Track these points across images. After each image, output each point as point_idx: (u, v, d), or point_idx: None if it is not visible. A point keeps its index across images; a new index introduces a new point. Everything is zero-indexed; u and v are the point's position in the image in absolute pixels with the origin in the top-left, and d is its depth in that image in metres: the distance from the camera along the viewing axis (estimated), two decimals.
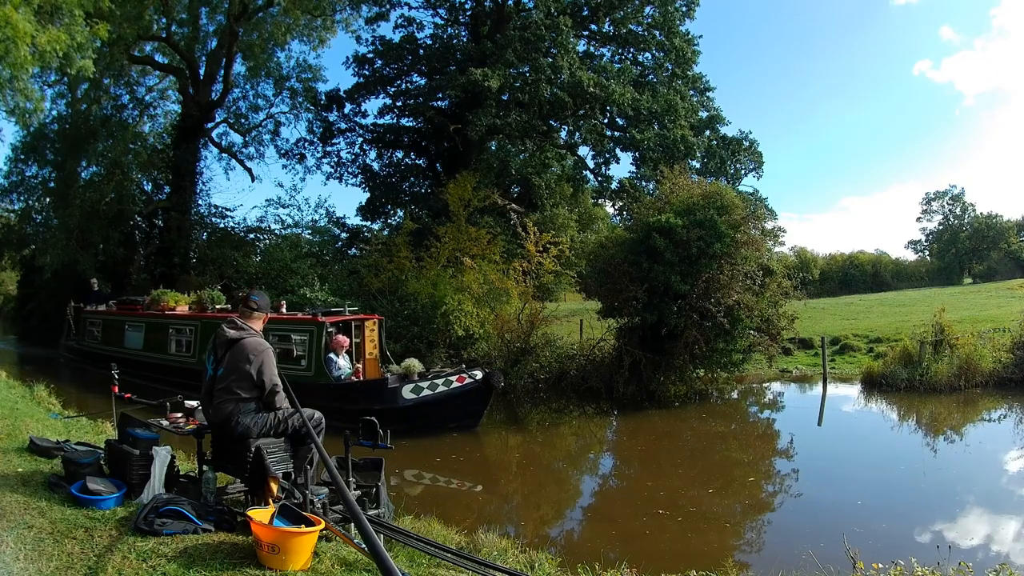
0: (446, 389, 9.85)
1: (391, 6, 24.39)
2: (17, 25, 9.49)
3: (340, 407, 9.43)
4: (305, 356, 10.56)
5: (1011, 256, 44.99)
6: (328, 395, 9.84)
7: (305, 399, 9.16)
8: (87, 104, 22.21)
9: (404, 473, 8.29)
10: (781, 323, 13.84)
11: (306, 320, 10.80)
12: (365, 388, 10.14)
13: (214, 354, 4.24)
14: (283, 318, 11.46)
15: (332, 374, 10.11)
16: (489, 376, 10.01)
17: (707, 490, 7.55)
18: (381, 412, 9.21)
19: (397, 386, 9.80)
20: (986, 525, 6.33)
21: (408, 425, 9.43)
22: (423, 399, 9.80)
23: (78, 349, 16.26)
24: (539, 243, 16.53)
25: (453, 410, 9.91)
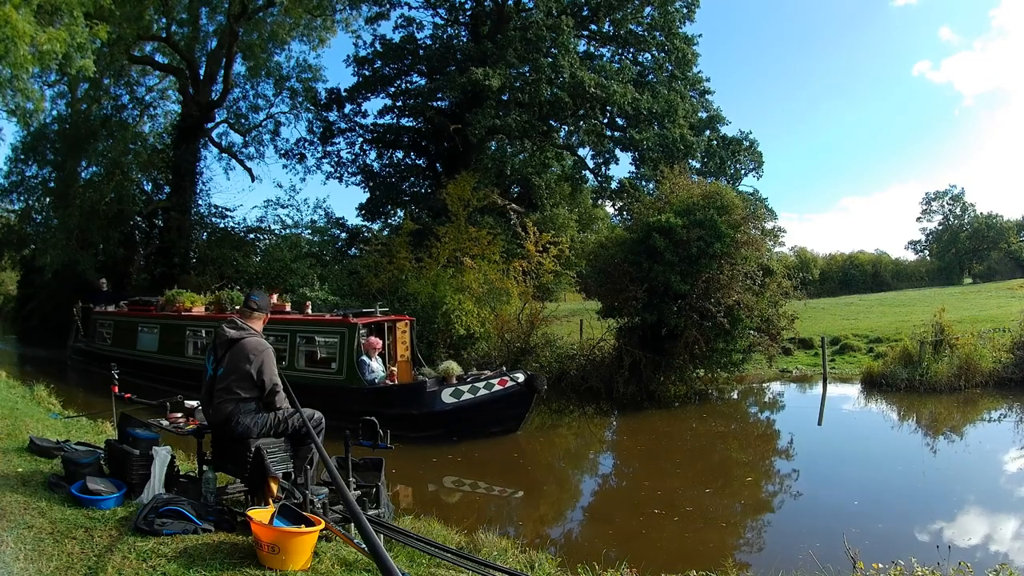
0: (487, 392, 9.44)
1: (391, 6, 24.41)
2: (17, 25, 9.51)
3: (375, 412, 9.23)
4: (336, 359, 10.15)
5: (1011, 256, 44.99)
6: (361, 400, 9.46)
7: (336, 404, 8.81)
8: (87, 104, 22.25)
9: (443, 480, 8.08)
10: (781, 323, 13.84)
11: (336, 321, 10.38)
12: (402, 392, 9.77)
13: (214, 354, 4.24)
14: (312, 319, 11.11)
15: (365, 378, 9.72)
16: (532, 379, 9.58)
17: (707, 490, 7.55)
18: (419, 417, 9.06)
19: (436, 390, 9.41)
20: (986, 525, 6.33)
21: (447, 430, 9.28)
22: (463, 403, 9.40)
23: (87, 351, 15.75)
24: (539, 243, 16.53)
25: (494, 414, 9.51)
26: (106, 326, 15.43)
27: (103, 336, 15.39)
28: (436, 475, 8.26)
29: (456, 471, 8.54)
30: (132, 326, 14.38)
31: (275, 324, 10.97)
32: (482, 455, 9.00)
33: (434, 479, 8.13)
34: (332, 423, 8.83)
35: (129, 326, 14.51)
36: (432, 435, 9.14)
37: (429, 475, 8.19)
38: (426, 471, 8.27)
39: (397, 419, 8.93)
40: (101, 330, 15.53)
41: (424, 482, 7.99)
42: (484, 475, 8.40)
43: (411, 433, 8.95)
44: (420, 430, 9.13)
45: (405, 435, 8.94)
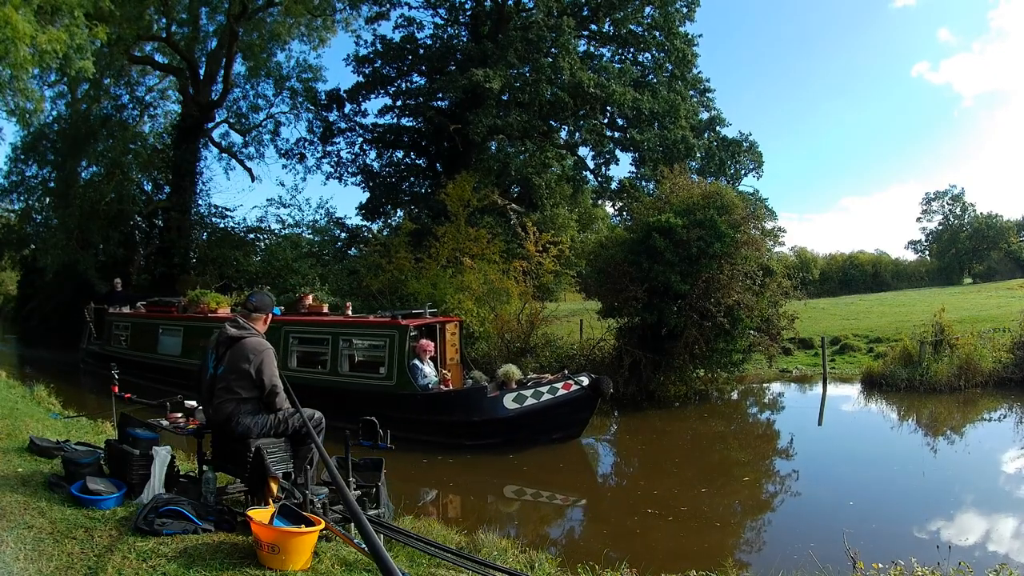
0: (551, 397, 8.92)
1: (391, 6, 24.43)
2: (17, 25, 9.51)
3: (430, 419, 8.96)
4: (384, 363, 9.58)
5: (1011, 256, 44.99)
6: (415, 407, 9.07)
7: (386, 411, 8.56)
8: (87, 104, 22.24)
9: (504, 490, 7.77)
10: (781, 323, 13.84)
11: (384, 323, 9.85)
12: (460, 398, 9.19)
13: (215, 353, 4.25)
14: (357, 321, 10.64)
15: (418, 383, 9.18)
16: (598, 383, 9.10)
17: (707, 490, 7.55)
18: (480, 424, 8.80)
19: (498, 395, 8.90)
20: (986, 525, 6.33)
21: (509, 437, 8.85)
22: (527, 409, 8.85)
23: (101, 354, 14.77)
24: (539, 243, 16.53)
25: (558, 419, 9.07)
26: (122, 328, 14.82)
27: (119, 339, 14.80)
28: (539, 490, 7.77)
29: (512, 478, 8.07)
30: (152, 328, 13.75)
31: (314, 327, 10.80)
32: (479, 458, 8.97)
33: (537, 494, 7.67)
34: (384, 432, 8.75)
35: (149, 328, 13.89)
36: (492, 443, 8.75)
37: (532, 490, 7.72)
38: (528, 487, 7.82)
39: (455, 427, 8.81)
40: (117, 332, 14.91)
41: (526, 497, 7.56)
42: (548, 483, 7.97)
43: (470, 441, 8.71)
44: (480, 438, 8.77)
45: (462, 443, 8.74)
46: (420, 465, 8.20)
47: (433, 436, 8.77)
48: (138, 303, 15.27)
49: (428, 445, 8.55)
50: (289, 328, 10.74)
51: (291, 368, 10.25)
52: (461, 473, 8.21)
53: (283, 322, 10.66)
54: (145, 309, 14.59)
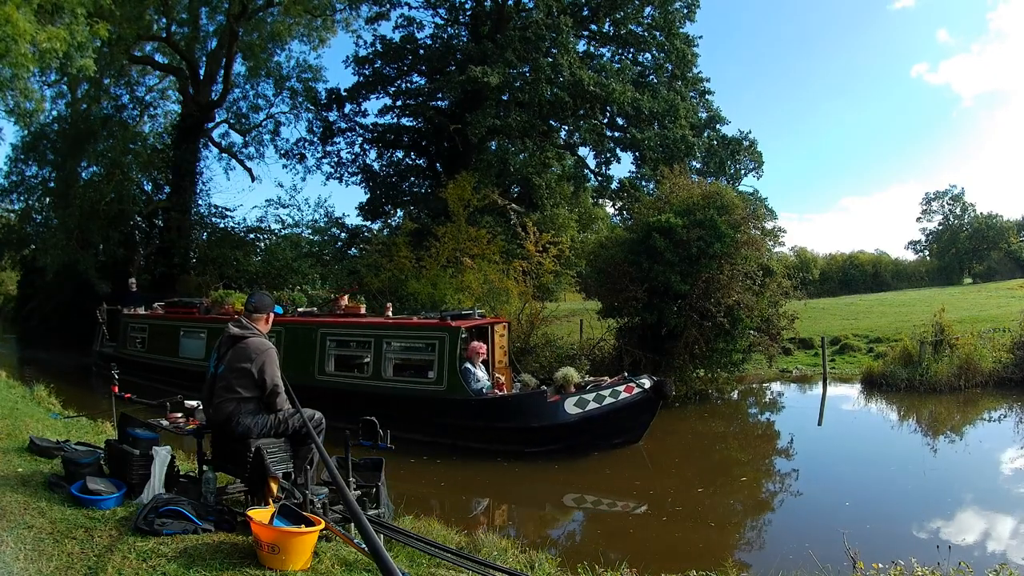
0: (614, 401, 8.59)
1: (391, 6, 24.44)
2: (18, 24, 9.50)
3: (486, 426, 8.60)
4: (434, 368, 9.14)
5: (1011, 256, 45.01)
6: (468, 412, 8.70)
7: (436, 417, 8.66)
8: (87, 104, 22.23)
9: (565, 499, 7.44)
10: (781, 323, 13.84)
11: (433, 325, 9.41)
12: (519, 403, 8.75)
13: (217, 352, 4.26)
14: (403, 323, 10.13)
15: (471, 387, 8.73)
16: (661, 385, 8.85)
17: (707, 490, 7.55)
18: (540, 430, 8.45)
19: (558, 399, 8.53)
20: (986, 524, 6.33)
21: (570, 443, 8.52)
22: (589, 413, 8.49)
23: (116, 357, 13.78)
24: (539, 243, 16.53)
25: (620, 424, 8.77)
26: (139, 330, 14.16)
27: (135, 341, 14.20)
28: (600, 497, 7.49)
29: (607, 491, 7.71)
30: (172, 330, 13.06)
31: (354, 329, 10.36)
32: (478, 462, 8.95)
33: (597, 502, 7.40)
34: (431, 439, 8.54)
35: (169, 330, 13.19)
36: (552, 450, 8.45)
37: (592, 498, 7.48)
38: (589, 494, 7.59)
39: (513, 433, 8.45)
40: (133, 335, 14.28)
41: (586, 506, 7.33)
42: (604, 489, 7.72)
43: (529, 448, 8.41)
44: (540, 444, 8.44)
45: (520, 450, 8.40)
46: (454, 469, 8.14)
47: (489, 443, 8.50)
48: (155, 304, 14.68)
49: (482, 453, 8.36)
50: (326, 330, 10.34)
51: (328, 372, 10.03)
52: (515, 481, 7.92)
53: (318, 324, 10.44)
54: (164, 310, 13.98)
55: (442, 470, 8.09)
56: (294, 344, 10.49)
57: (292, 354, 10.27)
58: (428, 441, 8.62)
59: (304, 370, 10.05)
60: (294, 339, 10.60)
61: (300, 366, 10.10)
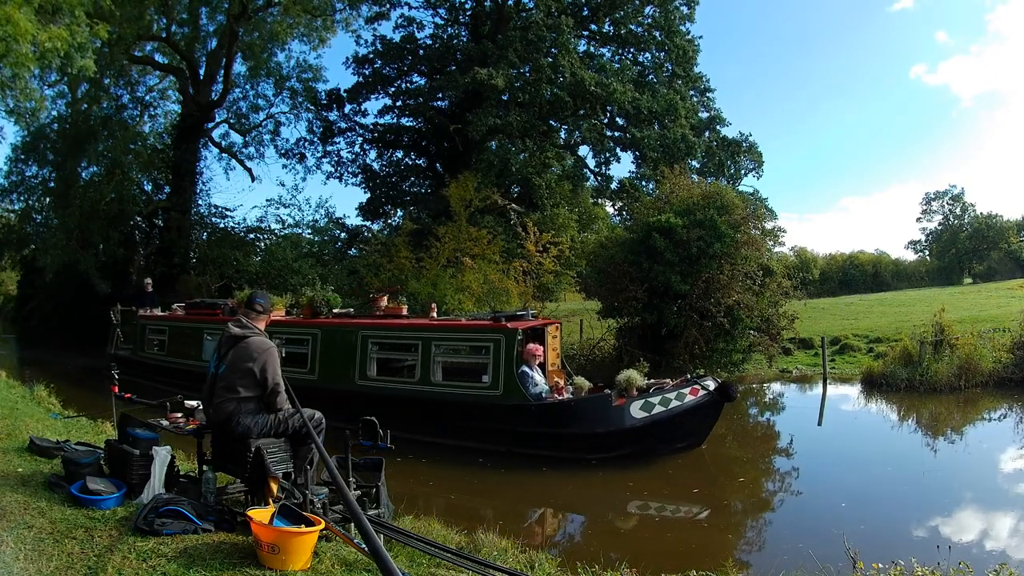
0: (680, 404, 8.28)
1: (391, 6, 24.44)
2: (19, 24, 9.48)
3: (547, 432, 8.25)
4: (488, 371, 8.69)
5: (1011, 256, 45.05)
6: (527, 418, 8.28)
7: (491, 424, 8.42)
8: (87, 104, 22.21)
9: (627, 506, 7.15)
10: (781, 323, 13.85)
11: (487, 326, 8.97)
12: (582, 407, 8.36)
13: (218, 352, 4.26)
14: (453, 325, 9.71)
15: (530, 392, 8.31)
16: (726, 387, 8.57)
17: (707, 490, 7.55)
18: (605, 436, 8.09)
19: (623, 403, 8.19)
20: (986, 524, 6.33)
21: (635, 448, 8.20)
22: (656, 417, 8.16)
23: (134, 361, 13.43)
24: (539, 243, 16.53)
25: (685, 428, 8.47)
26: (158, 332, 13.52)
27: (153, 343, 13.56)
28: (664, 504, 7.20)
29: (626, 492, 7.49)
30: (195, 333, 12.39)
31: (400, 331, 9.87)
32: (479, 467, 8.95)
33: (661, 508, 7.10)
34: (485, 446, 8.34)
35: (191, 333, 12.54)
36: (616, 456, 8.16)
37: (656, 504, 7.18)
38: (653, 501, 7.27)
39: (577, 439, 8.17)
40: (151, 337, 13.63)
41: (649, 512, 7.03)
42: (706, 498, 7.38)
43: (592, 454, 8.11)
44: (604, 450, 8.13)
45: (583, 457, 8.09)
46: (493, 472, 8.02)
47: (550, 450, 8.20)
48: (174, 305, 14.13)
49: (539, 460, 8.08)
50: (367, 333, 9.85)
51: (370, 377, 9.61)
52: (579, 488, 7.69)
53: (359, 326, 10.02)
54: (184, 311, 13.37)
55: (495, 477, 7.94)
56: (331, 347, 10.06)
57: (329, 358, 9.97)
58: (482, 448, 8.41)
59: (343, 375, 9.72)
60: (331, 342, 10.10)
61: (338, 370, 9.78)
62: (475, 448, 8.44)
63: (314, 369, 10.15)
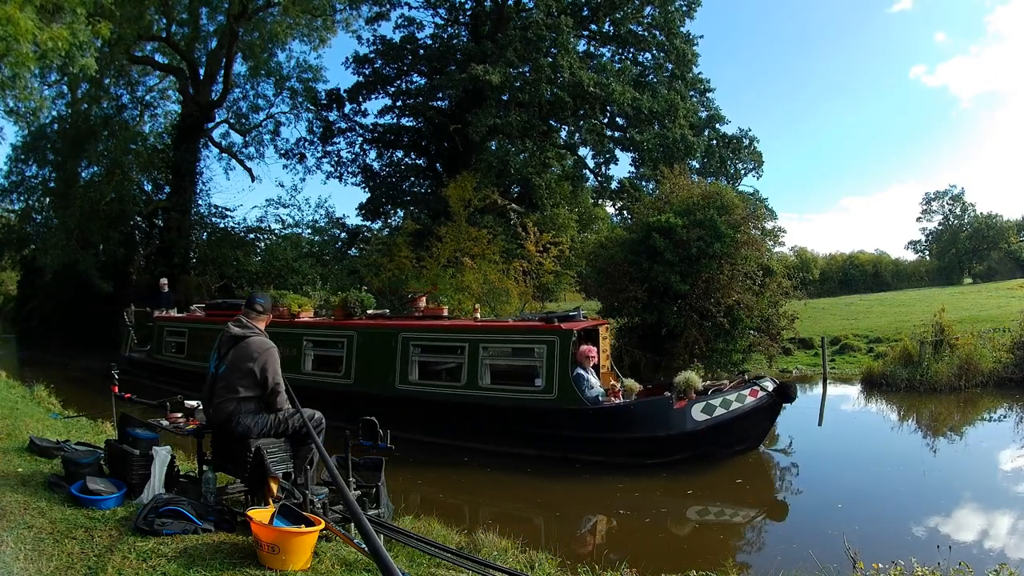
0: (740, 406, 8.04)
1: (391, 6, 24.46)
2: (19, 23, 9.48)
3: (605, 437, 7.97)
4: (541, 374, 8.36)
5: (1011, 256, 45.04)
6: (585, 423, 8.00)
7: (545, 429, 8.19)
8: (87, 104, 22.22)
9: (627, 507, 6.94)
10: (781, 323, 13.85)
11: (540, 328, 8.64)
12: (643, 411, 8.04)
13: (217, 352, 4.26)
14: (501, 326, 9.30)
15: (586, 395, 8.04)
16: (785, 388, 8.33)
17: (707, 490, 7.55)
18: (666, 440, 7.85)
19: (684, 406, 7.92)
20: (986, 524, 6.33)
21: (696, 452, 7.97)
22: (717, 420, 7.91)
23: (150, 363, 13.12)
24: (539, 243, 16.52)
25: (745, 430, 8.23)
26: (176, 334, 13.10)
27: (170, 346, 13.13)
28: (723, 507, 7.12)
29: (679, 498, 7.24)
30: (217, 335, 12.06)
31: (445, 333, 9.51)
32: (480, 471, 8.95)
33: (720, 512, 7.02)
34: (538, 453, 8.13)
35: (214, 335, 12.02)
36: (677, 460, 7.94)
37: (716, 508, 7.10)
38: (712, 505, 7.17)
39: (637, 444, 7.92)
40: (169, 339, 13.19)
41: (708, 518, 6.90)
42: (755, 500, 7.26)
43: (652, 459, 7.88)
44: (665, 455, 7.90)
45: (643, 462, 7.86)
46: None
47: (608, 456, 7.98)
48: (192, 306, 13.74)
49: (593, 465, 7.88)
50: (408, 335, 9.45)
51: (412, 381, 9.24)
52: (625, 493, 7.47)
53: (399, 328, 9.65)
54: (204, 312, 12.97)
55: (493, 478, 7.89)
56: (369, 350, 9.69)
57: (366, 361, 9.63)
58: (535, 455, 8.18)
59: (382, 379, 9.37)
60: (369, 345, 9.74)
61: (377, 375, 9.42)
62: (530, 455, 8.18)
63: (349, 373, 9.80)
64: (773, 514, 6.98)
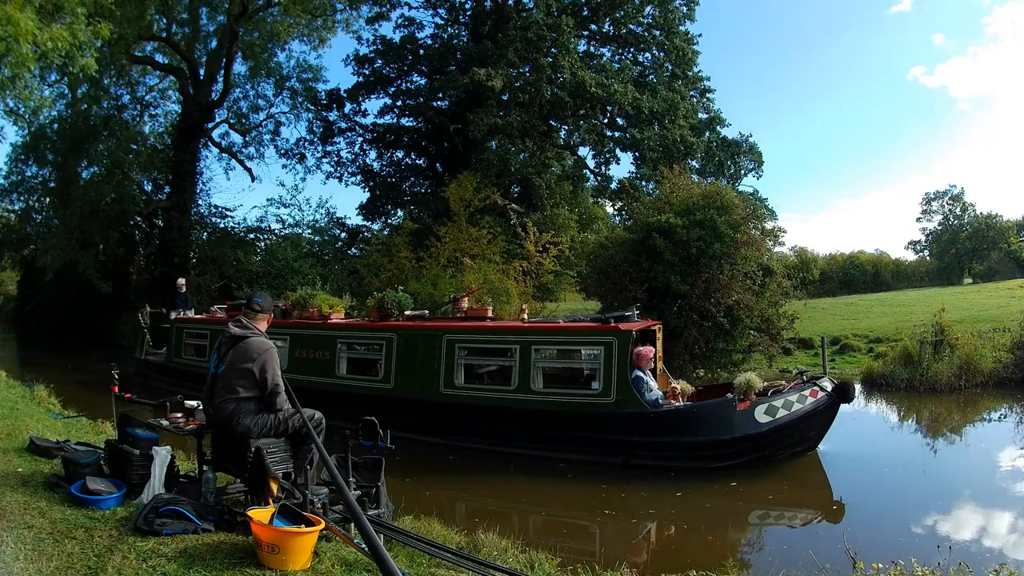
0: (801, 407, 7.80)
1: (391, 6, 24.45)
2: (19, 23, 9.47)
3: (668, 441, 7.71)
4: (599, 377, 8.10)
5: (1011, 256, 45.05)
6: (647, 427, 7.76)
7: (605, 434, 7.92)
8: (87, 104, 22.22)
9: (627, 508, 6.83)
10: (781, 323, 13.85)
11: (596, 328, 8.37)
12: (707, 414, 7.81)
13: (217, 352, 4.27)
14: (554, 327, 8.92)
15: (646, 398, 7.81)
16: (844, 388, 8.14)
17: (706, 490, 7.54)
18: (731, 442, 7.62)
19: (748, 408, 7.70)
20: (986, 524, 6.33)
21: (758, 455, 7.76)
22: (780, 421, 7.67)
23: (171, 368, 12.63)
24: (539, 243, 16.52)
25: (805, 431, 7.98)
26: (197, 336, 12.62)
27: (190, 349, 12.65)
28: (783, 511, 6.98)
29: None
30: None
31: (493, 335, 9.18)
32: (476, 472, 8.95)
33: (780, 516, 6.88)
34: (596, 459, 7.84)
35: None
36: (739, 463, 7.73)
37: (776, 512, 6.98)
38: (772, 509, 7.07)
39: (700, 447, 7.70)
40: (189, 342, 12.68)
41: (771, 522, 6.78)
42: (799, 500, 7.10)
43: (714, 463, 7.63)
44: (728, 458, 7.67)
45: (706, 466, 7.60)
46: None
47: (670, 460, 7.74)
48: (213, 307, 13.26)
49: (655, 471, 7.67)
50: (454, 337, 9.08)
51: (458, 386, 8.87)
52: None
53: (443, 329, 9.30)
54: (225, 313, 12.59)
55: (489, 478, 7.84)
56: (411, 353, 9.32)
57: (408, 365, 9.27)
58: (592, 461, 7.96)
59: (426, 383, 9.05)
60: (411, 347, 9.35)
61: (420, 379, 9.11)
62: (585, 461, 7.97)
63: (389, 377, 9.44)
64: (773, 514, 6.98)
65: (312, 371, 10.06)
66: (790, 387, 8.16)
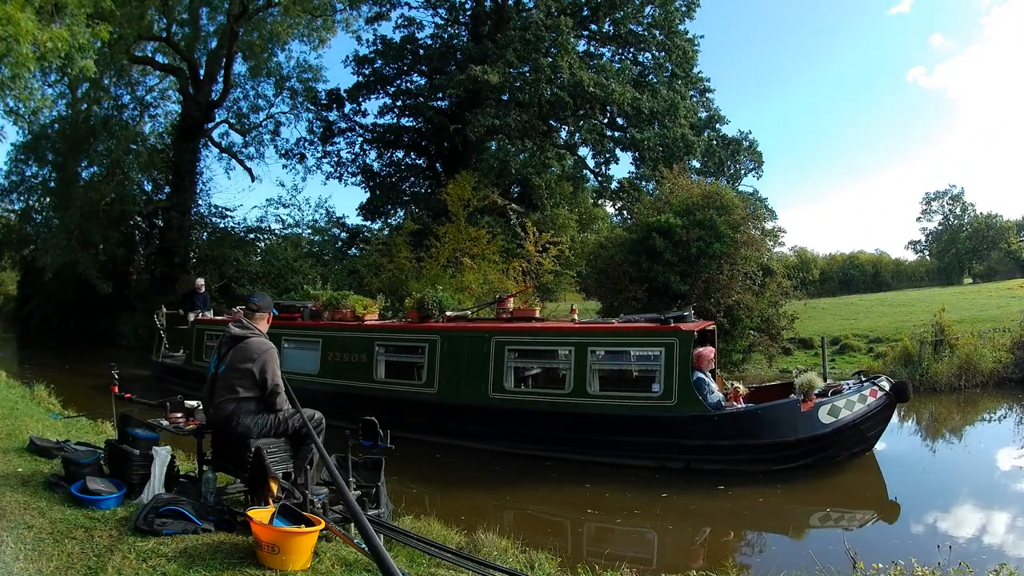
0: (862, 407, 7.69)
1: (391, 6, 24.48)
2: (20, 23, 9.48)
3: (732, 444, 7.55)
4: (659, 379, 7.82)
5: (1011, 256, 45.09)
6: (711, 430, 7.54)
7: (666, 438, 7.68)
8: (87, 104, 22.25)
9: (626, 508, 6.69)
10: (781, 323, 13.85)
11: (655, 329, 8.09)
12: (773, 415, 7.58)
13: (218, 352, 4.27)
14: (611, 328, 8.55)
15: (708, 401, 7.58)
16: (901, 388, 8.01)
17: (706, 490, 7.54)
18: (796, 443, 7.45)
19: (811, 409, 7.51)
20: (987, 523, 6.33)
21: (821, 456, 7.63)
22: (842, 422, 7.54)
23: (190, 371, 12.08)
24: (539, 243, 16.52)
25: (863, 431, 7.84)
26: (217, 339, 12.10)
27: (211, 351, 11.98)
28: (835, 509, 6.94)
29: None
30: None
31: (545, 336, 8.83)
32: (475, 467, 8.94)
33: (827, 515, 6.83)
34: (659, 464, 7.61)
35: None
36: (801, 464, 7.59)
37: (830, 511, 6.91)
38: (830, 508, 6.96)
39: (765, 449, 7.52)
40: (210, 344, 11.99)
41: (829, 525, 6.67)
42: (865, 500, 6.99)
43: (779, 465, 7.49)
44: (792, 460, 7.52)
45: (769, 468, 7.46)
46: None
47: (736, 463, 7.60)
48: (234, 308, 12.55)
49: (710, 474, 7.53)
50: (503, 338, 8.67)
51: (508, 389, 8.50)
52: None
53: (491, 331, 8.89)
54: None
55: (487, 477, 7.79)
56: (457, 356, 8.92)
57: (453, 369, 8.88)
58: (654, 467, 7.75)
59: (473, 388, 8.66)
60: (456, 350, 8.93)
61: (467, 383, 8.74)
62: (652, 467, 7.77)
63: (432, 381, 9.03)
64: (773, 514, 6.98)
65: (347, 375, 9.71)
66: (851, 387, 8.04)
